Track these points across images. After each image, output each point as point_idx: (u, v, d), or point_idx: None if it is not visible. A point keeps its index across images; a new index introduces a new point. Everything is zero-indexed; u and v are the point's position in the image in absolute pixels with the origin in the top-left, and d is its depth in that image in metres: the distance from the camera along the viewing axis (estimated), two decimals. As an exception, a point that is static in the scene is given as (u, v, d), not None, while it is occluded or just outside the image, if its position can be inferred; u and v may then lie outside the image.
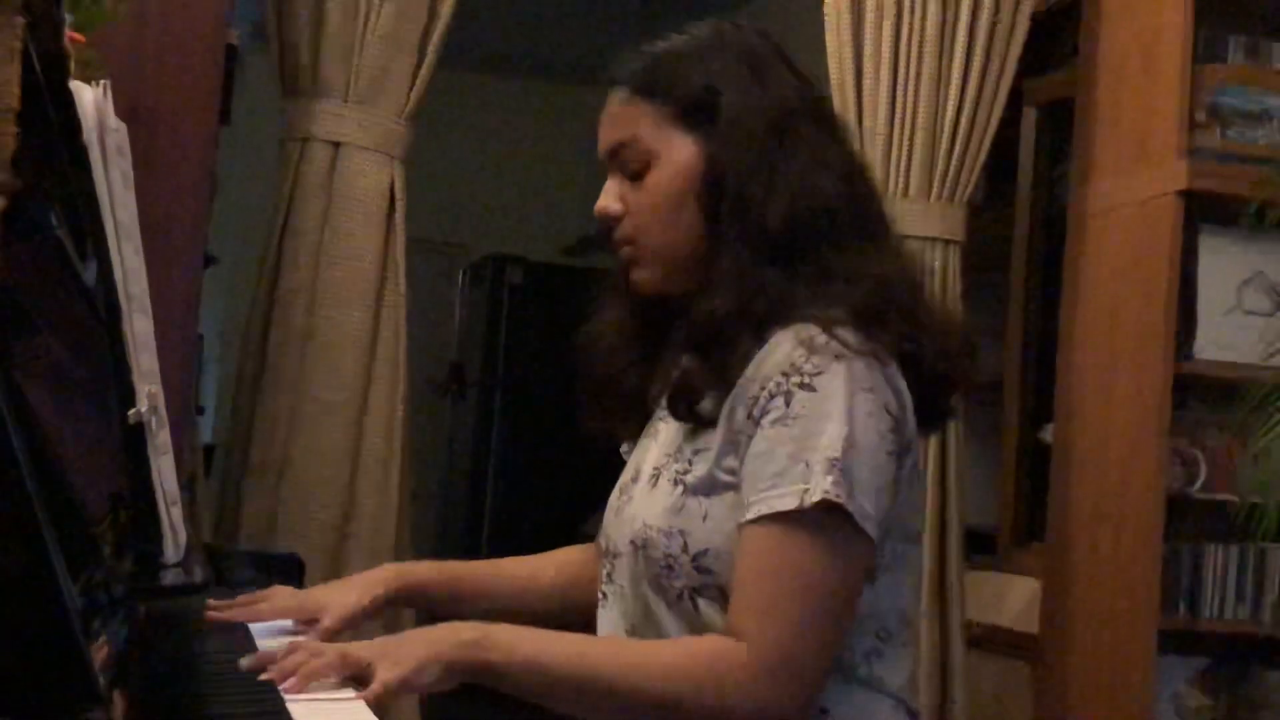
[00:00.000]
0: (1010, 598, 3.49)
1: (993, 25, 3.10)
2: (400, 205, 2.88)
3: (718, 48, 1.47)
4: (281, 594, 1.57)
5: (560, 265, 6.60)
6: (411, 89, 2.88)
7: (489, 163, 6.96)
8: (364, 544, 2.81)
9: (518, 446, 6.06)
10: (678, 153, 1.44)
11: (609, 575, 1.51)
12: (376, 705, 1.21)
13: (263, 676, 1.21)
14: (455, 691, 1.32)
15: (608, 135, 1.49)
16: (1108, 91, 3.16)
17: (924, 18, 3.06)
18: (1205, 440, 2.99)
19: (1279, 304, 2.95)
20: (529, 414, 6.05)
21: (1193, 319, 2.93)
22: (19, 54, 0.93)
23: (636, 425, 1.57)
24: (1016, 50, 3.13)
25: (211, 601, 1.51)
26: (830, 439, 1.30)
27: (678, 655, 1.32)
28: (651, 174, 1.45)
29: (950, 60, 3.08)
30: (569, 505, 5.65)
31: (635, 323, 1.54)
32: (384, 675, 1.23)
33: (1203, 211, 2.93)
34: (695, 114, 1.44)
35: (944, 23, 3.07)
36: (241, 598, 1.54)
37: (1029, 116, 3.76)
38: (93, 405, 1.18)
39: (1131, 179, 3.04)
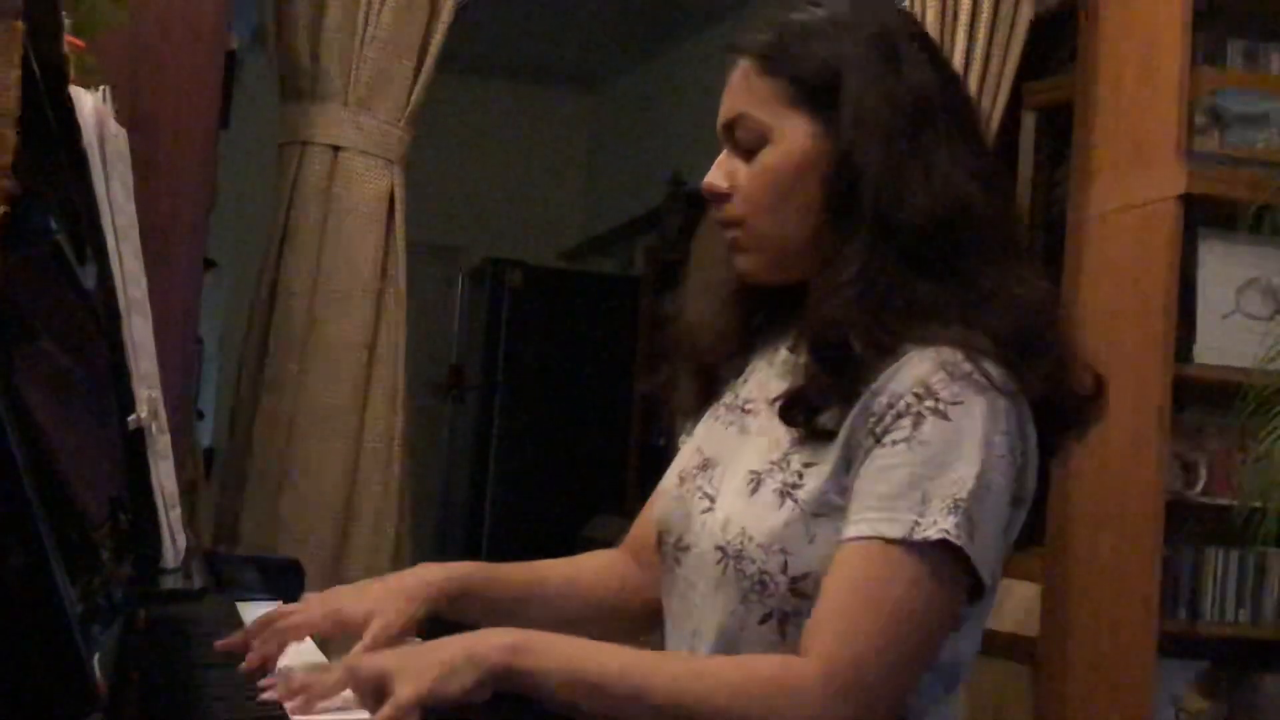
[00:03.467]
0: (1010, 602, 3.49)
1: (991, 28, 3.10)
2: (400, 209, 2.88)
3: (849, 24, 1.35)
4: (312, 604, 1.39)
5: (559, 269, 6.61)
6: (411, 93, 2.88)
7: (488, 166, 6.97)
8: (364, 547, 2.81)
9: (517, 449, 6.06)
10: (792, 135, 1.33)
11: (671, 569, 1.40)
12: None
13: (265, 696, 1.15)
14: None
15: (725, 108, 1.38)
16: (1107, 95, 3.16)
17: (922, 21, 3.06)
18: (1205, 444, 2.99)
19: (1278, 307, 2.95)
20: (529, 417, 6.05)
21: (1192, 323, 2.93)
22: (19, 59, 0.93)
23: (700, 400, 1.48)
24: (1015, 54, 3.14)
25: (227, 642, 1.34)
26: (959, 475, 1.21)
27: (734, 671, 1.22)
28: (764, 154, 1.35)
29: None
30: (569, 508, 5.64)
31: (734, 299, 1.45)
32: (402, 691, 1.12)
33: (1202, 215, 2.93)
34: (815, 95, 1.33)
35: (942, 26, 3.08)
36: (258, 620, 1.35)
37: (1028, 120, 3.76)
38: (92, 410, 1.18)
39: (1131, 183, 3.04)
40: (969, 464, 1.22)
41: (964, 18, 3.08)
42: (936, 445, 1.22)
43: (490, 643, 1.19)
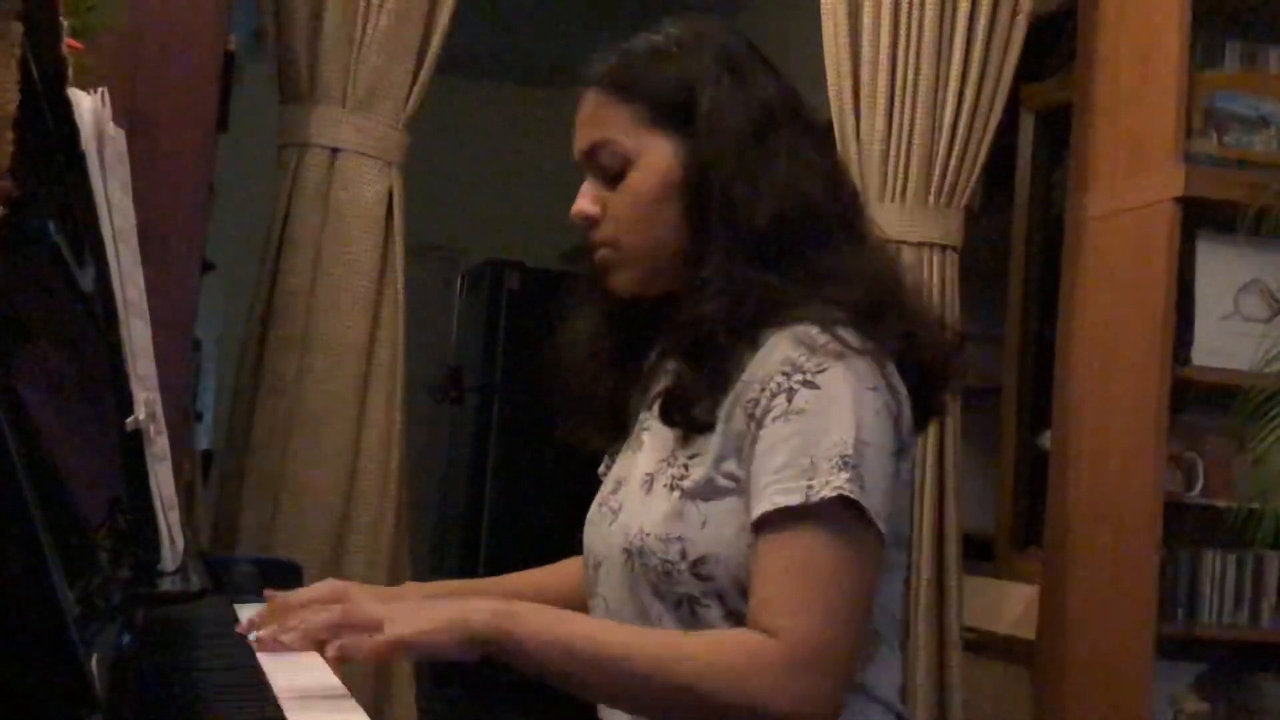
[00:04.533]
0: (1008, 603, 3.49)
1: (990, 30, 3.10)
2: (398, 211, 2.88)
3: (693, 45, 1.45)
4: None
5: (558, 271, 6.58)
6: (410, 95, 2.88)
7: (487, 168, 6.97)
8: (362, 550, 2.81)
9: (516, 452, 6.06)
10: (655, 154, 1.42)
11: (592, 588, 1.49)
12: (378, 657, 1.20)
13: (260, 633, 1.20)
14: (450, 693, 1.29)
15: (582, 137, 1.47)
16: (1105, 97, 3.16)
17: (921, 23, 3.07)
18: (1203, 446, 2.99)
19: (1276, 310, 2.95)
20: (527, 419, 6.04)
21: (1190, 325, 2.93)
22: (17, 61, 0.93)
23: (613, 434, 1.56)
24: (1014, 56, 3.14)
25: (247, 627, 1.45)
26: (840, 436, 1.29)
27: (707, 647, 1.29)
28: (630, 176, 1.43)
29: (948, 65, 3.09)
30: (567, 511, 5.61)
31: (610, 329, 1.53)
32: (391, 630, 1.20)
33: (1200, 217, 2.93)
34: (671, 114, 1.42)
35: (941, 28, 3.08)
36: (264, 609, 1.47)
37: (1027, 122, 3.77)
38: (90, 412, 1.18)
39: (1129, 185, 3.04)
40: (846, 423, 1.30)
41: (962, 20, 3.08)
42: (812, 412, 1.30)
43: (479, 607, 1.27)
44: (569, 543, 1.72)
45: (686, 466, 1.38)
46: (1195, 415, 2.99)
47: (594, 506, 1.54)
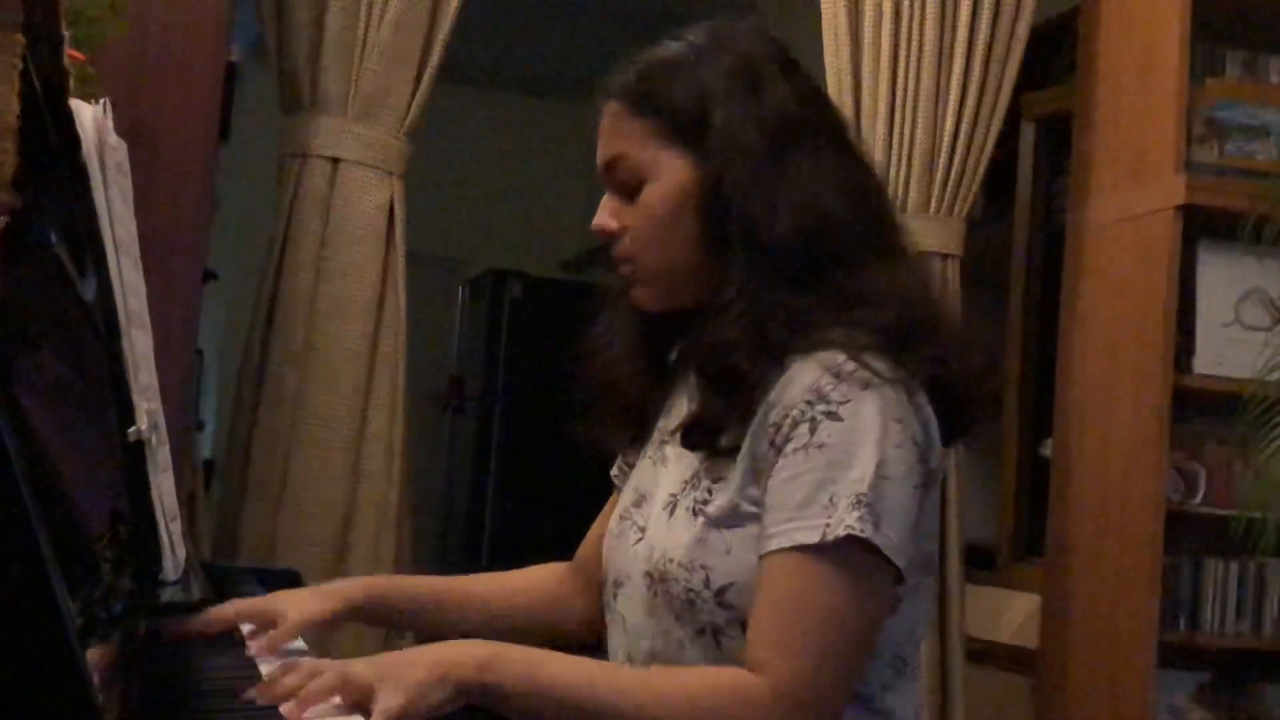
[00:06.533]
0: (1010, 613, 3.49)
1: (990, 39, 3.11)
2: (400, 220, 2.88)
3: (711, 57, 1.40)
4: (238, 603, 1.48)
5: (560, 280, 6.60)
6: (411, 104, 2.88)
7: (488, 177, 6.97)
8: (363, 559, 2.81)
9: (518, 461, 6.06)
10: (669, 171, 1.38)
11: (609, 604, 1.47)
12: None
13: (260, 701, 1.17)
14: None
15: (601, 150, 1.43)
16: (1106, 106, 3.17)
17: (922, 33, 3.07)
18: (1205, 454, 2.99)
19: (1277, 318, 2.95)
20: (529, 428, 6.05)
21: (1192, 333, 2.93)
22: (18, 72, 0.93)
23: (633, 436, 1.54)
24: (1015, 65, 3.14)
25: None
26: (859, 472, 1.25)
27: (694, 685, 1.26)
28: (645, 192, 1.40)
29: (949, 75, 3.09)
30: (569, 519, 5.62)
31: (640, 333, 1.50)
32: (386, 701, 1.18)
33: (1201, 226, 2.93)
34: (685, 130, 1.38)
35: (942, 38, 3.08)
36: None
37: (1027, 131, 3.77)
38: (92, 422, 1.18)
39: (1130, 194, 3.04)
40: (867, 458, 1.26)
41: (963, 29, 3.08)
42: (834, 446, 1.27)
43: (462, 658, 1.24)
44: (570, 549, 1.72)
45: (710, 491, 1.35)
46: (1197, 424, 2.99)
47: (614, 519, 1.50)
